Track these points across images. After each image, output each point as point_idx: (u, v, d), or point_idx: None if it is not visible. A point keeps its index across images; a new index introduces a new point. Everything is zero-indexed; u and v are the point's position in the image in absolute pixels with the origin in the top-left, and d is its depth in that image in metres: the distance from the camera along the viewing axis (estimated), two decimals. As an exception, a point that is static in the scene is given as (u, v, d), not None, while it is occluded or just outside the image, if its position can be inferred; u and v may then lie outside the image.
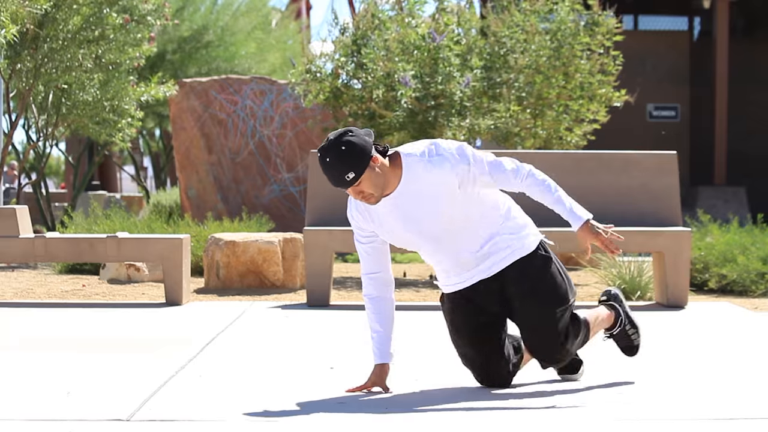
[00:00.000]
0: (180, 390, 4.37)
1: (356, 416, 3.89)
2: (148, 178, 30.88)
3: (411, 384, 4.51)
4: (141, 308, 7.26)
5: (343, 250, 7.72)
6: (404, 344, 5.41)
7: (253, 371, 4.83)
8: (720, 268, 8.63)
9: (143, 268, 9.07)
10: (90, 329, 6.25)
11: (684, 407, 4.05)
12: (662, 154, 7.88)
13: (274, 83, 13.97)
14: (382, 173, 4.21)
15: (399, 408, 4.04)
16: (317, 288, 7.47)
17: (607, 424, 3.79)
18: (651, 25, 23.30)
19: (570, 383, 4.54)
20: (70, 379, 4.58)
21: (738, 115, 20.68)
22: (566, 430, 3.70)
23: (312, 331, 6.22)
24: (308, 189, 7.79)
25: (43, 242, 7.54)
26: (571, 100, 11.19)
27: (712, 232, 9.33)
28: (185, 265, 7.54)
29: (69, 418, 3.84)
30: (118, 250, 7.51)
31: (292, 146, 13.74)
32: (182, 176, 13.84)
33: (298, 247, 8.68)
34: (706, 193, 19.15)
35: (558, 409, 4.02)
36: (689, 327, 6.51)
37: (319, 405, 4.07)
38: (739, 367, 4.98)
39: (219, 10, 20.91)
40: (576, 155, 7.99)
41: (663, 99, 21.60)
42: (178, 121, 13.94)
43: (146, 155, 29.15)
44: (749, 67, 21.32)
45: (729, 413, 3.96)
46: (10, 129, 11.77)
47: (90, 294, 8.26)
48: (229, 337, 5.90)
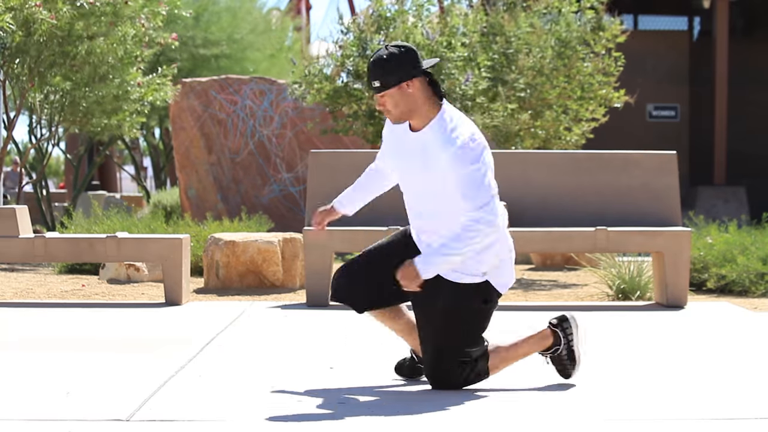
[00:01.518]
0: (180, 390, 4.37)
1: (356, 416, 3.89)
2: (148, 178, 30.88)
3: (408, 382, 4.52)
4: (141, 308, 7.26)
5: (343, 250, 7.72)
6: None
7: (252, 371, 4.83)
8: (719, 268, 8.63)
9: (143, 268, 9.07)
10: (90, 329, 6.25)
11: (683, 407, 4.05)
12: (662, 154, 7.88)
13: (274, 83, 13.97)
14: (412, 99, 4.26)
15: (399, 408, 4.04)
16: (317, 288, 7.47)
17: (599, 423, 3.79)
18: (651, 25, 23.32)
19: (563, 381, 4.54)
20: (70, 379, 4.58)
21: (738, 115, 20.69)
22: (559, 428, 3.70)
23: (311, 331, 6.22)
24: (308, 189, 7.79)
25: (42, 242, 7.54)
26: (571, 101, 11.20)
27: (711, 232, 9.33)
28: (185, 265, 7.54)
29: (68, 418, 3.84)
30: (118, 250, 7.51)
31: (291, 146, 13.75)
32: (182, 176, 13.84)
33: (297, 247, 8.68)
34: (705, 193, 19.15)
35: (548, 407, 4.03)
36: (689, 327, 6.51)
37: (319, 405, 4.08)
38: (739, 367, 4.98)
39: (237, 23, 20.88)
40: (575, 155, 7.99)
41: (663, 99, 21.61)
42: (177, 120, 13.95)
43: (146, 155, 29.15)
44: (749, 67, 21.33)
45: (728, 413, 3.96)
46: (9, 129, 11.78)
47: (90, 294, 8.27)
48: (228, 337, 5.90)
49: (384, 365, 5.00)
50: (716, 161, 19.31)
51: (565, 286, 9.08)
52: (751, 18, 22.14)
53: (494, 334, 4.61)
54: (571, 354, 4.49)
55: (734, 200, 18.96)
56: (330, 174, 7.78)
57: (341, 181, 7.91)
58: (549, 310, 7.25)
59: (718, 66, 19.19)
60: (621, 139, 19.20)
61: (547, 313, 7.03)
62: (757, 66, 21.45)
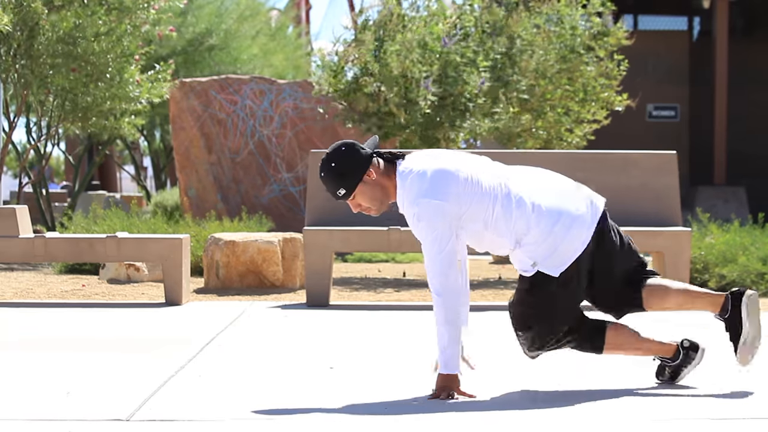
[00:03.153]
0: (180, 390, 4.37)
1: (356, 416, 3.89)
2: (148, 178, 30.88)
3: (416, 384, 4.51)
4: (141, 308, 7.25)
5: (342, 250, 7.72)
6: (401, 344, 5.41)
7: (252, 371, 4.83)
8: (720, 268, 8.63)
9: (143, 268, 9.07)
10: (90, 329, 6.25)
11: (682, 407, 4.05)
12: (662, 153, 7.88)
13: (274, 83, 13.97)
14: (379, 186, 4.24)
15: (399, 408, 4.04)
16: (317, 288, 7.47)
17: (595, 422, 3.79)
18: (651, 25, 23.30)
19: (555, 381, 4.54)
20: (70, 378, 4.58)
21: (738, 115, 20.67)
22: (553, 429, 3.70)
23: (311, 331, 6.21)
24: (308, 189, 7.79)
25: (42, 242, 7.54)
26: (573, 102, 11.20)
27: (712, 231, 9.33)
28: (185, 265, 7.54)
29: (69, 418, 3.83)
30: (118, 250, 7.51)
31: (291, 146, 13.74)
32: (182, 176, 13.84)
33: (297, 247, 8.68)
34: (705, 193, 19.15)
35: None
36: (689, 327, 6.49)
37: (319, 405, 4.07)
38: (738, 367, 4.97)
39: (223, 13, 20.88)
40: (576, 155, 7.99)
41: (662, 99, 21.60)
42: (177, 120, 13.94)
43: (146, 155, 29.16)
44: (749, 67, 21.32)
45: (728, 413, 3.96)
46: (9, 129, 11.78)
47: (90, 294, 8.26)
48: (228, 337, 5.90)
49: (384, 365, 5.00)
50: (716, 161, 19.29)
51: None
52: (751, 18, 22.13)
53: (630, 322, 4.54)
54: (674, 376, 4.47)
55: (734, 200, 18.94)
56: (330, 174, 7.77)
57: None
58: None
59: (718, 66, 19.18)
60: (621, 138, 19.19)
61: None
62: (757, 66, 21.44)
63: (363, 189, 4.23)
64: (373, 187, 4.24)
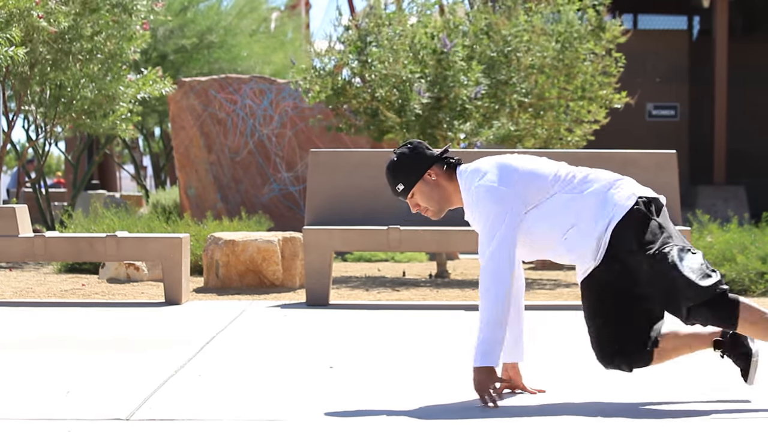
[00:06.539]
0: (179, 389, 4.37)
1: (356, 416, 3.89)
2: (148, 177, 30.87)
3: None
4: (140, 307, 7.26)
5: (342, 250, 7.72)
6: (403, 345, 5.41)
7: (252, 371, 4.83)
8: (719, 267, 8.63)
9: (142, 268, 9.07)
10: (89, 328, 6.25)
11: (682, 407, 4.05)
12: (661, 153, 7.88)
13: (274, 82, 13.97)
14: (439, 187, 4.20)
15: (399, 408, 4.04)
16: (317, 287, 7.47)
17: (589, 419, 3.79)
18: (650, 25, 23.31)
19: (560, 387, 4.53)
20: (70, 378, 4.58)
21: (738, 114, 20.68)
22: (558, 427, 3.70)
23: (311, 331, 6.22)
24: (308, 188, 7.79)
25: (42, 241, 7.54)
26: (572, 101, 11.19)
27: (712, 231, 9.33)
28: (184, 265, 7.54)
29: (68, 417, 3.83)
30: (118, 249, 7.51)
31: (291, 145, 13.75)
32: (182, 175, 13.84)
33: (297, 247, 8.68)
34: (705, 193, 19.15)
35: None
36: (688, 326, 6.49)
37: (319, 405, 4.07)
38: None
39: (222, 11, 20.86)
40: (575, 155, 7.99)
41: (662, 98, 21.60)
42: (177, 120, 13.95)
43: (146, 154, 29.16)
44: (749, 67, 21.32)
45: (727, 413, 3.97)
46: (8, 128, 11.77)
47: (89, 293, 8.26)
48: (228, 337, 5.90)
49: (384, 365, 5.00)
50: (716, 160, 19.29)
51: (567, 285, 9.07)
52: (751, 17, 22.13)
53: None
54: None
55: (734, 200, 18.95)
56: (330, 173, 7.78)
57: (341, 181, 7.92)
58: (550, 310, 7.24)
59: (718, 65, 19.18)
60: (620, 138, 19.18)
61: (548, 312, 7.03)
62: (757, 66, 21.44)
63: (422, 188, 4.20)
64: (432, 187, 4.20)
